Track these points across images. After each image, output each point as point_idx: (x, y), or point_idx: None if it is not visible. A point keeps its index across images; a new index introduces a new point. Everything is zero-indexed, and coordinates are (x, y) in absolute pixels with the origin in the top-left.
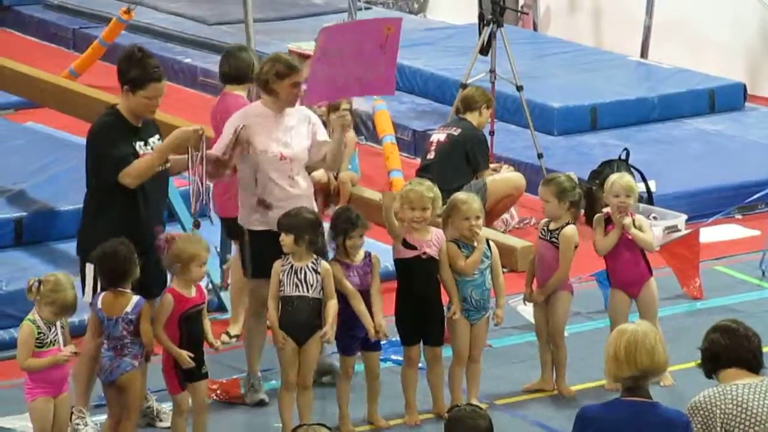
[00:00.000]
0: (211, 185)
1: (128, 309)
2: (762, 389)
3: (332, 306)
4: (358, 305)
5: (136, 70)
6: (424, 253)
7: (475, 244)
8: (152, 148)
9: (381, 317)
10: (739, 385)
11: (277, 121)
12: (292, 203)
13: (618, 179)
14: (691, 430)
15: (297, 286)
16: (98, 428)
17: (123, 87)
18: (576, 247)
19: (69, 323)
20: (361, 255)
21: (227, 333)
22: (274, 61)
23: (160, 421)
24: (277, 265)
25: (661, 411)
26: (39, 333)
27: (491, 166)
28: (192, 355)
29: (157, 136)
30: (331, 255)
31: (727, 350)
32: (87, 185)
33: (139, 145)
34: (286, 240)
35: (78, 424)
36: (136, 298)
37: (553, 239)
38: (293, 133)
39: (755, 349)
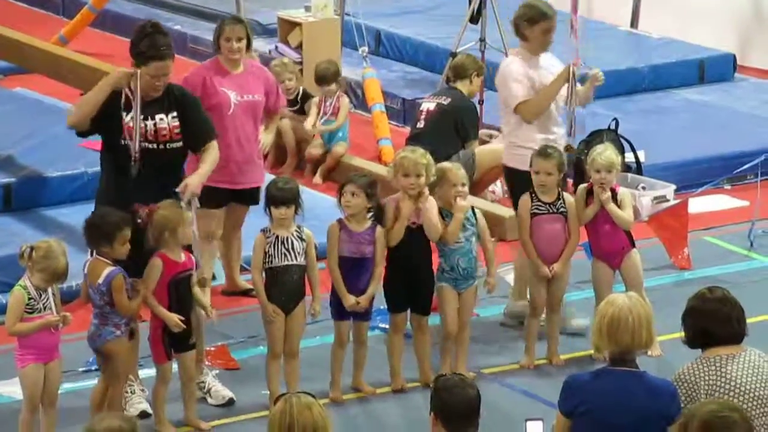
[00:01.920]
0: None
1: (100, 280)
2: (744, 360)
3: (316, 277)
4: (332, 266)
5: (143, 46)
6: (414, 223)
7: (455, 212)
8: (155, 125)
9: (372, 291)
10: (723, 357)
11: (531, 64)
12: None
13: (598, 155)
14: (678, 399)
15: (285, 255)
16: (146, 395)
17: (132, 60)
18: None
19: (60, 289)
20: (366, 224)
21: None
22: (528, 6)
23: (211, 398)
24: (261, 238)
25: (648, 380)
26: (29, 299)
27: (486, 132)
28: (183, 318)
29: (173, 114)
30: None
31: (715, 330)
32: None
33: (131, 116)
34: (289, 213)
35: (126, 392)
36: (108, 270)
37: (561, 210)
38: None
39: (741, 325)
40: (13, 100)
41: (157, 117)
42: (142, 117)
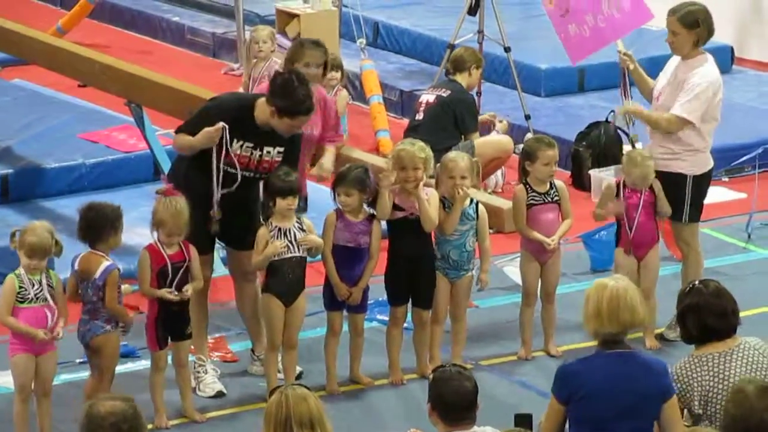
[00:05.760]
0: None
1: (96, 275)
2: (739, 357)
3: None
4: (327, 254)
5: (288, 100)
6: (412, 213)
7: (455, 204)
8: (260, 156)
9: (364, 282)
10: (716, 355)
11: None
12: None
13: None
14: (670, 376)
15: (288, 247)
16: (218, 374)
17: (269, 104)
18: None
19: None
20: (363, 215)
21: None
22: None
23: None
24: (264, 231)
25: (642, 358)
26: (20, 287)
27: (487, 115)
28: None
29: (279, 149)
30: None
31: (713, 325)
32: None
33: (241, 144)
34: (294, 203)
35: (198, 372)
36: (105, 264)
37: (555, 199)
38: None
39: (736, 317)
40: (10, 91)
41: (265, 149)
42: (252, 145)
